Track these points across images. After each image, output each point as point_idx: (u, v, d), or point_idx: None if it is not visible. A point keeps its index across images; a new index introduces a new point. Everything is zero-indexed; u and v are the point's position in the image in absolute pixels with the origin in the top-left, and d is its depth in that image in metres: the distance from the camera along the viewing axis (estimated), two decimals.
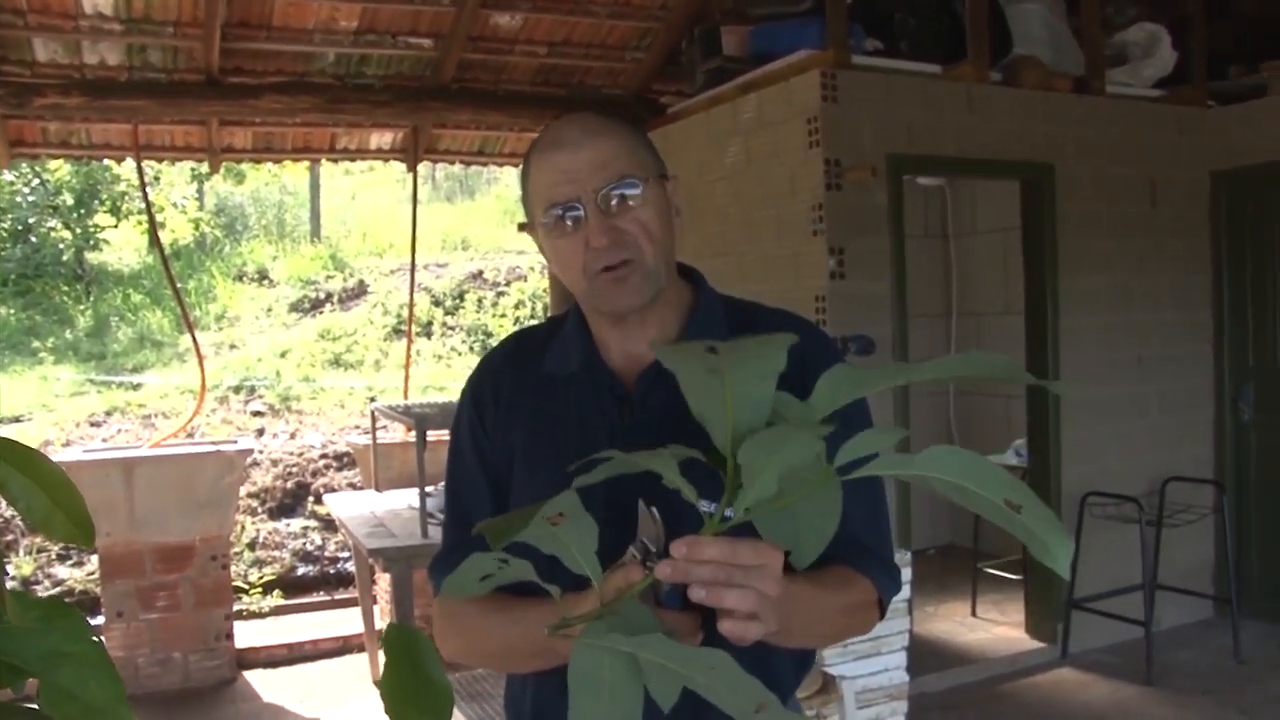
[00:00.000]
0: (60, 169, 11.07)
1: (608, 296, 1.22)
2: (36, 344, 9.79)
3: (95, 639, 0.55)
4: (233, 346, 9.95)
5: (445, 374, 9.63)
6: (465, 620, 1.27)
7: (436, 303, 10.71)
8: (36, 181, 11.27)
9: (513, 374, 1.33)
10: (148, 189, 6.17)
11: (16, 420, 8.06)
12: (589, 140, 1.20)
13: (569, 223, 1.19)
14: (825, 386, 0.89)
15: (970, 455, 0.81)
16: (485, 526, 0.89)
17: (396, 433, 5.42)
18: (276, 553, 6.66)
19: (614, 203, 1.19)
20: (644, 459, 0.91)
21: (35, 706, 0.53)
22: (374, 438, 4.92)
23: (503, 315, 10.68)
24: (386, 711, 0.69)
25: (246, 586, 6.04)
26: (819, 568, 1.03)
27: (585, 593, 0.97)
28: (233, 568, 5.27)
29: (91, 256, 11.73)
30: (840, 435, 0.86)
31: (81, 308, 10.73)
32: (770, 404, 0.88)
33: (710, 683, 0.76)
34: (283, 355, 9.62)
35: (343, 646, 5.20)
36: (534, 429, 1.28)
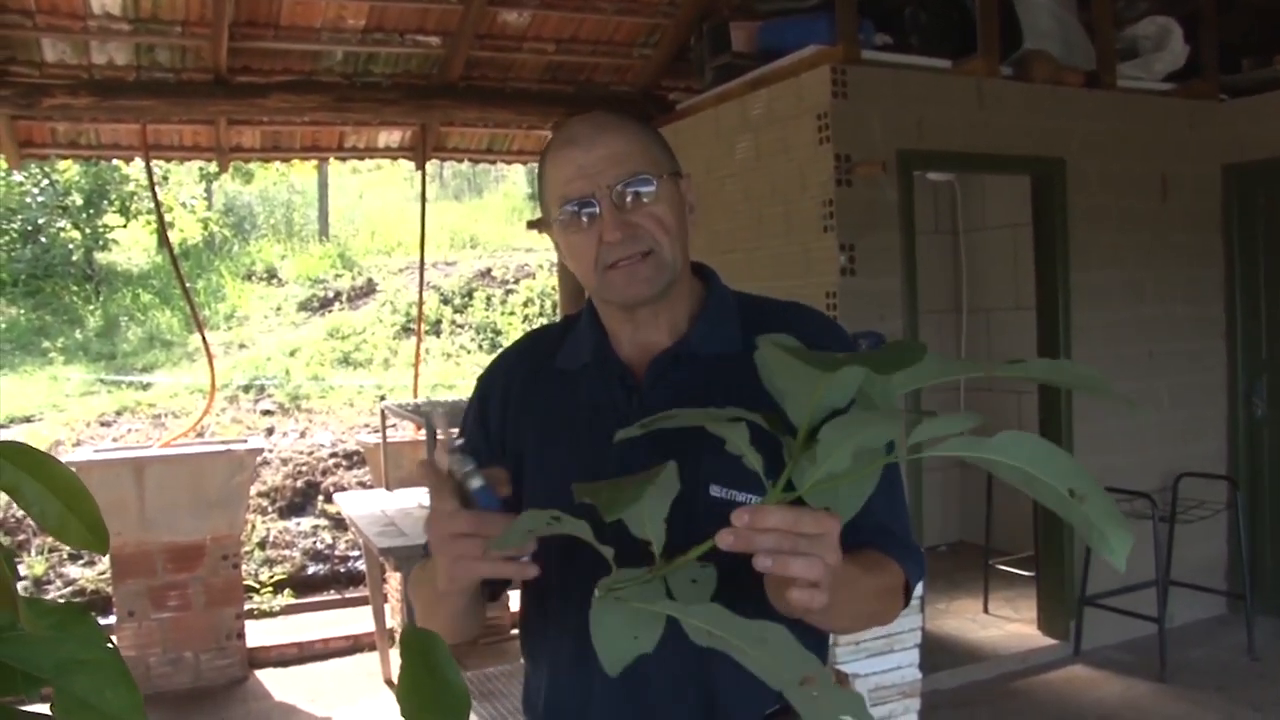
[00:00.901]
0: (69, 169, 11.10)
1: (618, 288, 1.22)
2: (46, 344, 9.82)
3: (111, 646, 0.54)
4: (242, 346, 9.96)
5: (454, 372, 9.63)
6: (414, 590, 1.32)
7: (445, 301, 10.72)
8: (46, 182, 11.31)
9: (526, 371, 1.34)
10: (156, 189, 6.18)
11: (27, 420, 8.09)
12: (602, 137, 1.21)
13: (584, 218, 1.20)
14: (909, 370, 0.89)
15: (1042, 442, 0.80)
16: (587, 490, 0.90)
17: (406, 431, 5.42)
18: (287, 552, 6.68)
19: (628, 199, 1.20)
20: (706, 418, 0.93)
21: (49, 713, 0.53)
22: (384, 436, 4.92)
23: (511, 313, 10.68)
24: (404, 715, 0.69)
25: (257, 586, 6.05)
26: (852, 553, 1.04)
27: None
28: (243, 567, 5.28)
29: (101, 256, 11.77)
30: None
31: (91, 308, 10.76)
32: (857, 386, 0.88)
33: (759, 655, 0.76)
34: (292, 354, 9.64)
35: (353, 645, 5.20)
36: (546, 423, 1.29)
